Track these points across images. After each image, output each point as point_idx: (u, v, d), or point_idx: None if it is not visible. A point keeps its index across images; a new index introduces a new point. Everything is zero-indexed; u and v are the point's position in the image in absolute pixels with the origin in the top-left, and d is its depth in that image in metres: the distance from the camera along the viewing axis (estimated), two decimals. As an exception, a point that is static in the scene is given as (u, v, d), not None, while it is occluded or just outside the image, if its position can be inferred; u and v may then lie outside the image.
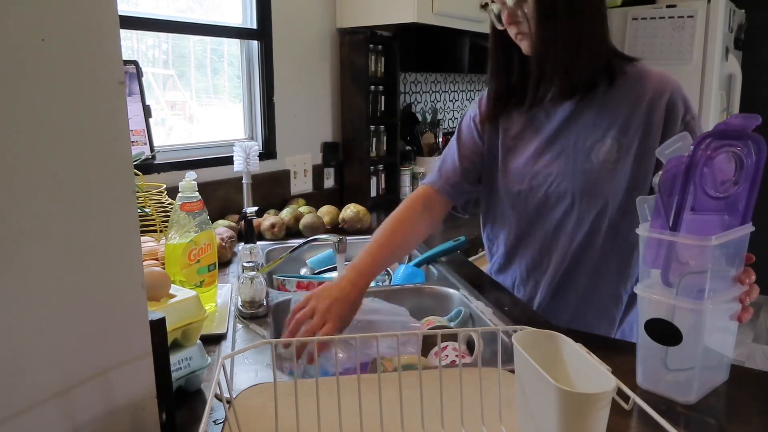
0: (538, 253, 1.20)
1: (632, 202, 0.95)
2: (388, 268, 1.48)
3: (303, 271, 1.59)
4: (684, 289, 0.77)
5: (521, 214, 1.20)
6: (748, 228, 0.80)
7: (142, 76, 1.65)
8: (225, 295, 1.21)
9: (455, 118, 3.06)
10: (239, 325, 1.09)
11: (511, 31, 1.10)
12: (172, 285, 0.84)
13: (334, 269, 1.51)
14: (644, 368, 0.85)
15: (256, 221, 1.68)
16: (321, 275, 1.54)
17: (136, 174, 1.35)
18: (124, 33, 1.66)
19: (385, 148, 2.41)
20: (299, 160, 2.18)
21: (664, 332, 0.80)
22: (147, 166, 1.62)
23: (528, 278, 1.23)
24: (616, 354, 0.95)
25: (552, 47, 1.05)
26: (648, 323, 0.82)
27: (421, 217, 1.22)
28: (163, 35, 1.84)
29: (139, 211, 0.92)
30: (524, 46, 1.09)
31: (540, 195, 1.16)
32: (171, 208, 1.21)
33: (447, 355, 1.04)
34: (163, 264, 1.12)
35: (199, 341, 0.84)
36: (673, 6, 3.51)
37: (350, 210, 1.87)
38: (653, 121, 1.05)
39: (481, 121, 1.23)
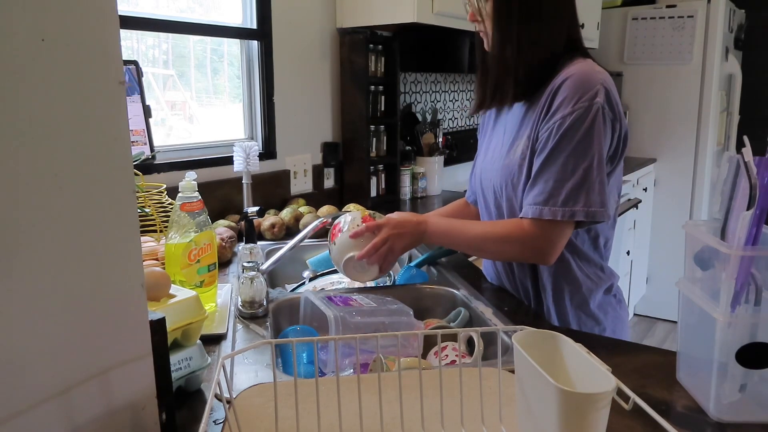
0: None
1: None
2: (390, 270, 1.49)
3: (305, 273, 1.59)
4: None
5: (481, 209, 1.31)
6: None
7: (142, 76, 1.65)
8: (225, 295, 1.21)
9: (455, 118, 3.06)
10: (239, 325, 1.09)
11: (476, 29, 1.16)
12: (172, 285, 0.84)
13: (334, 271, 1.51)
14: (720, 398, 0.77)
15: (256, 221, 1.68)
16: (323, 276, 1.54)
17: (136, 174, 1.35)
18: (124, 33, 1.66)
19: (385, 148, 2.41)
20: (299, 160, 2.18)
21: (761, 355, 0.74)
22: (147, 166, 1.62)
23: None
24: (616, 354, 0.95)
25: (508, 48, 1.09)
26: (745, 348, 0.75)
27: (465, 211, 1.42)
28: (163, 35, 1.83)
29: (139, 211, 0.92)
30: (485, 43, 1.15)
31: (480, 190, 1.27)
32: (171, 208, 1.21)
33: (447, 355, 1.04)
34: (163, 264, 1.12)
35: (199, 341, 0.84)
36: (673, 6, 3.51)
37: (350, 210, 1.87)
38: (542, 115, 1.07)
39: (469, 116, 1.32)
